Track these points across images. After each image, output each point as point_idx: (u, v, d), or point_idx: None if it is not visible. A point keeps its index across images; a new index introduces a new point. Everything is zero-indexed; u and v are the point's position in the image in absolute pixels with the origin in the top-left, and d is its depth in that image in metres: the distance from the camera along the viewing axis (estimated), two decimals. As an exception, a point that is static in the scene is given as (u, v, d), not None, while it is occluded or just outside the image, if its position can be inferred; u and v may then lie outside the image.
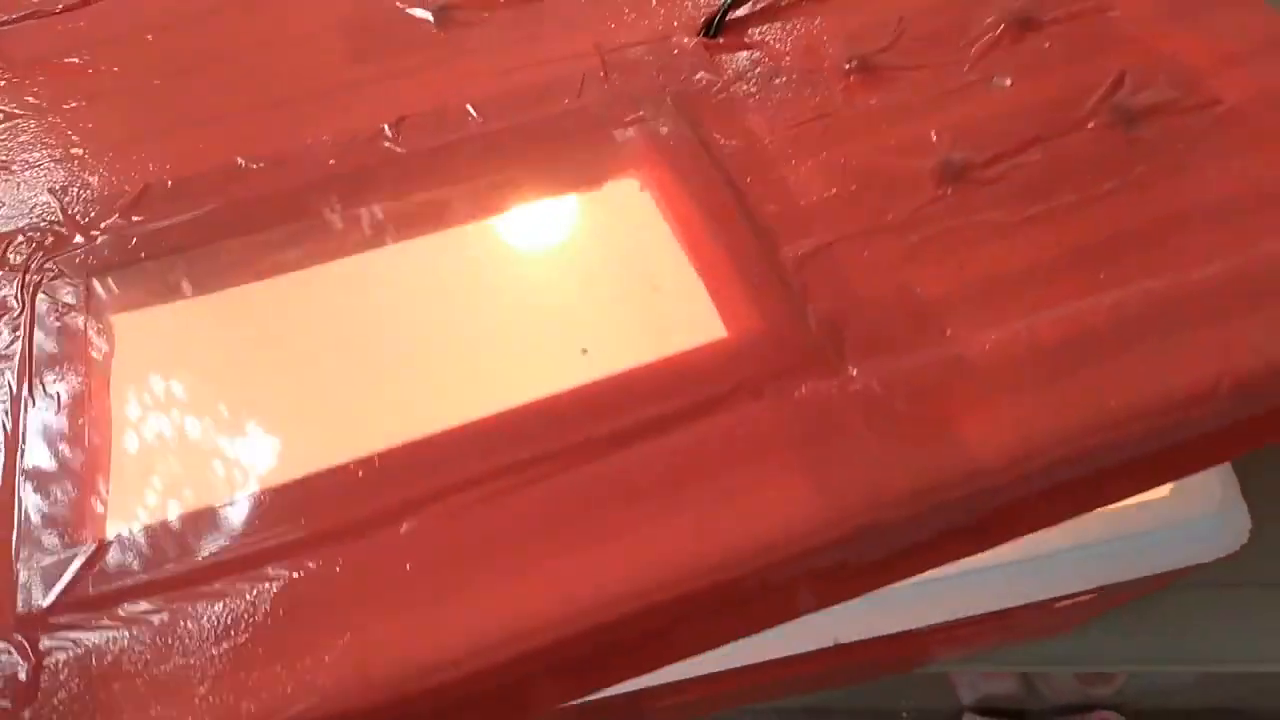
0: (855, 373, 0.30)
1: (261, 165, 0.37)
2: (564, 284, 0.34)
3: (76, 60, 0.44)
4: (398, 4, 0.44)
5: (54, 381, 0.32)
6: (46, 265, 0.35)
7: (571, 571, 0.27)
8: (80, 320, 0.34)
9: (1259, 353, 0.29)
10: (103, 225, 0.37)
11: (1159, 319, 0.30)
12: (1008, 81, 0.37)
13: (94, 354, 0.34)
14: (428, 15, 0.43)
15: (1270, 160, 0.33)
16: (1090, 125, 0.35)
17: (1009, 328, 0.30)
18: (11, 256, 0.36)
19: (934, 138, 0.35)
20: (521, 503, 0.28)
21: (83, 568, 0.28)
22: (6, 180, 0.39)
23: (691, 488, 0.28)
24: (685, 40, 0.40)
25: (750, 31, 0.40)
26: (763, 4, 0.41)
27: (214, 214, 0.36)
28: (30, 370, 0.33)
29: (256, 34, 0.43)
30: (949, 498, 0.27)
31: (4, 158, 0.40)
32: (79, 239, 0.36)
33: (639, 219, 0.36)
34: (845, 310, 0.31)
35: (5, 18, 0.46)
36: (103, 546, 0.28)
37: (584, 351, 0.31)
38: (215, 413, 0.33)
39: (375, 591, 0.27)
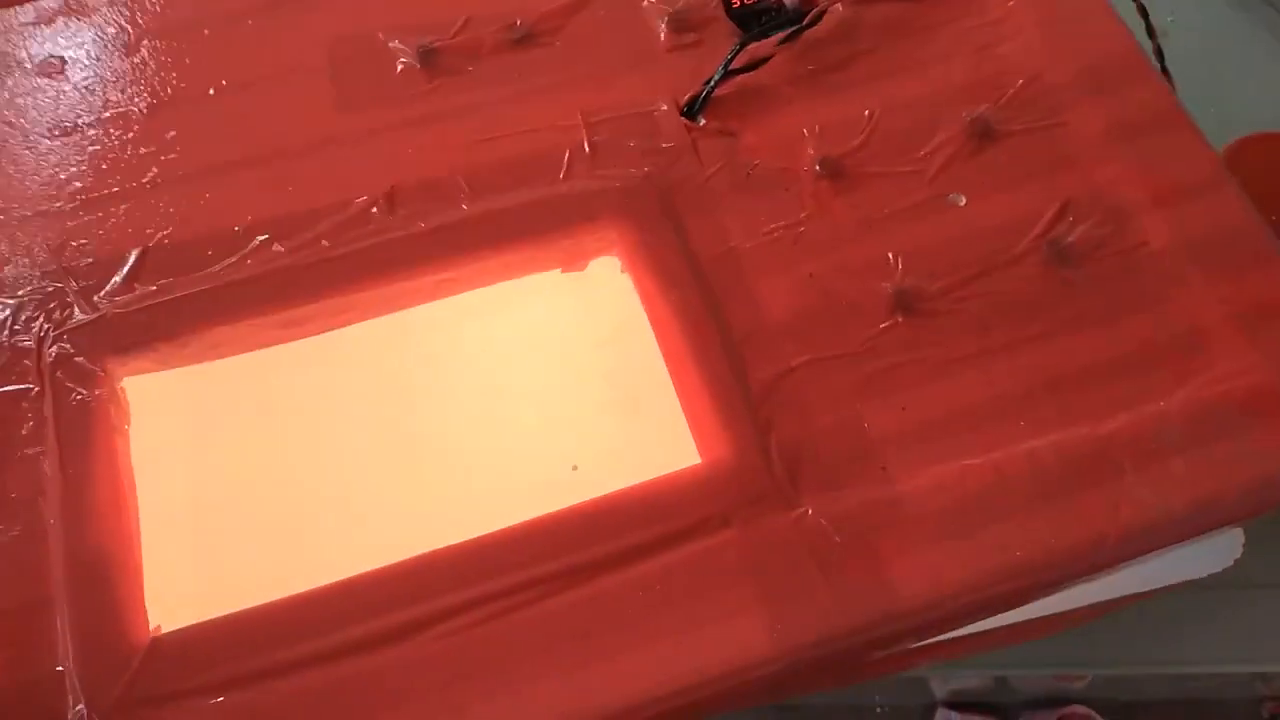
0: (809, 509, 0.35)
1: (259, 240, 0.39)
2: (556, 393, 0.38)
3: (50, 69, 0.43)
4: (380, 35, 0.44)
5: (82, 467, 0.35)
6: (60, 340, 0.37)
7: (564, 692, 0.32)
8: (100, 400, 0.36)
9: (1143, 509, 0.35)
10: (107, 292, 0.38)
11: (1065, 473, 0.35)
12: (962, 201, 0.40)
13: (116, 436, 0.36)
14: (412, 56, 0.43)
15: (1176, 314, 0.38)
16: (1028, 261, 0.39)
17: (937, 473, 0.35)
18: (22, 327, 0.37)
19: (891, 259, 0.39)
20: (513, 626, 0.33)
21: (139, 668, 0.32)
22: (3, 227, 0.40)
23: (668, 615, 0.33)
24: (668, 117, 0.42)
25: (729, 117, 0.42)
26: (740, 78, 0.43)
27: (216, 293, 0.38)
28: (61, 457, 0.35)
29: (236, 63, 0.43)
30: (877, 635, 0.33)
31: (-4, 200, 0.40)
32: (87, 311, 0.38)
33: (622, 312, 0.39)
34: (803, 441, 0.36)
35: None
36: (154, 645, 0.33)
37: (575, 468, 0.35)
38: (228, 502, 0.37)
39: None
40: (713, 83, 0.42)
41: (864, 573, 0.34)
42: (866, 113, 0.42)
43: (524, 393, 0.37)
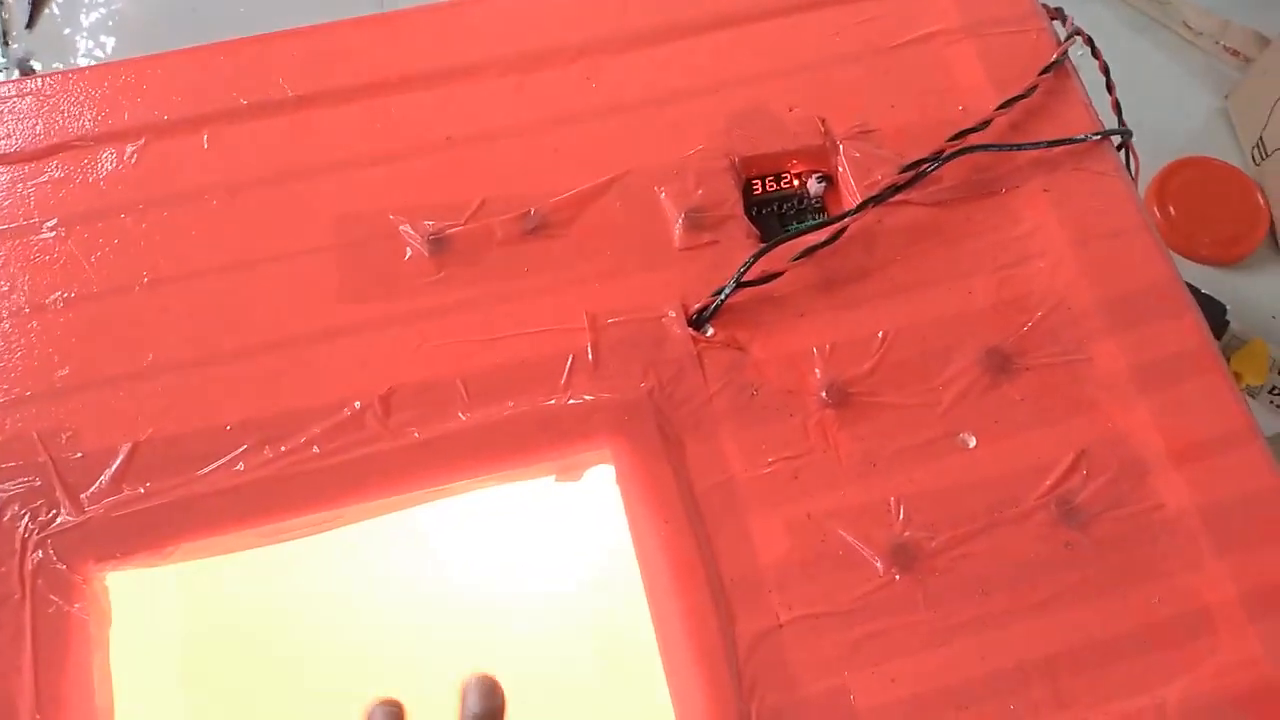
0: (784, 790, 0.34)
1: (248, 445, 0.38)
2: (535, 647, 0.37)
3: (49, 232, 0.42)
4: (391, 216, 0.43)
5: (54, 692, 0.35)
6: (43, 544, 0.37)
7: None
8: (78, 614, 0.36)
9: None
10: (93, 492, 0.38)
11: (1050, 769, 0.34)
12: (972, 442, 0.39)
13: (94, 649, 0.36)
14: (421, 243, 0.42)
15: (1184, 590, 0.37)
16: (1035, 519, 0.38)
17: (922, 757, 0.34)
18: (7, 526, 0.37)
19: (893, 506, 0.38)
20: None
21: None
22: (-6, 410, 0.39)
23: None
24: (675, 325, 0.41)
25: (738, 326, 0.41)
26: (751, 286, 0.41)
27: (202, 501, 0.37)
28: (35, 680, 0.35)
29: (242, 239, 0.42)
30: None
31: (-12, 379, 0.40)
32: (72, 513, 0.37)
33: (612, 539, 0.38)
34: (786, 712, 0.35)
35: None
36: None
37: (549, 724, 0.35)
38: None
39: None
40: (723, 296, 0.40)
41: None
42: (880, 334, 0.41)
43: (502, 646, 0.37)
